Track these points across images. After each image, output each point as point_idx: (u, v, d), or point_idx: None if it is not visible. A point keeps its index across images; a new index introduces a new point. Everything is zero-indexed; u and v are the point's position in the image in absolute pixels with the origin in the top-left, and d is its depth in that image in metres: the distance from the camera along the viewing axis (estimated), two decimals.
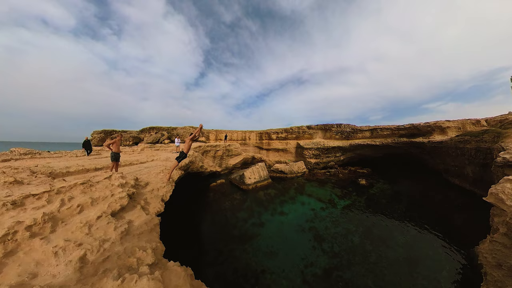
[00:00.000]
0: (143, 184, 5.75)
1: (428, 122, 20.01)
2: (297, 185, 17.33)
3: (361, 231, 8.90)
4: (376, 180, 18.28)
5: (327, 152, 24.95)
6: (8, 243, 2.20)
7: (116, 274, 2.06)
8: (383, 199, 13.23)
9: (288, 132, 27.84)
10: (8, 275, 1.85)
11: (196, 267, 3.52)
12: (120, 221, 3.37)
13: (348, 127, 25.23)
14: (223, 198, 13.38)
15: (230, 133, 28.00)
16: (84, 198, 3.77)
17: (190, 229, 8.90)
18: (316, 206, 12.25)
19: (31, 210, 3.04)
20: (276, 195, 14.28)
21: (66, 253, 2.23)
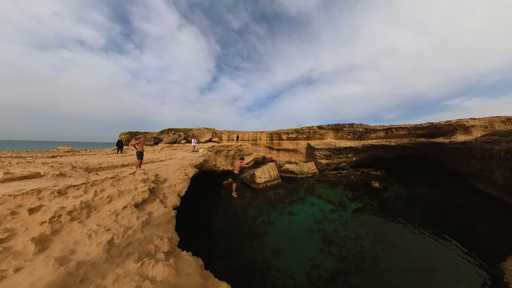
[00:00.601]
0: (162, 180, 6.13)
1: (450, 121, 18.06)
2: (307, 185, 16.92)
3: (372, 236, 8.37)
4: (390, 183, 17.05)
5: (339, 153, 23.71)
6: (54, 224, 2.62)
7: (137, 257, 2.28)
8: (398, 204, 12.33)
9: (298, 133, 27.06)
10: (54, 250, 2.23)
11: (206, 258, 3.57)
12: (141, 212, 3.68)
13: (360, 127, 23.77)
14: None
15: (241, 133, 28.31)
16: (112, 190, 4.23)
17: (203, 223, 9.23)
18: (326, 207, 11.82)
19: (71, 198, 3.52)
20: (285, 195, 14.13)
21: (97, 236, 2.57)
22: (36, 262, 2.01)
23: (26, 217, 2.72)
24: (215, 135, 27.07)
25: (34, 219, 2.71)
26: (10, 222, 2.58)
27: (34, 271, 1.87)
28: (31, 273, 1.85)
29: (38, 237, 2.33)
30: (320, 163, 23.55)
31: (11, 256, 2.05)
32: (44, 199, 3.29)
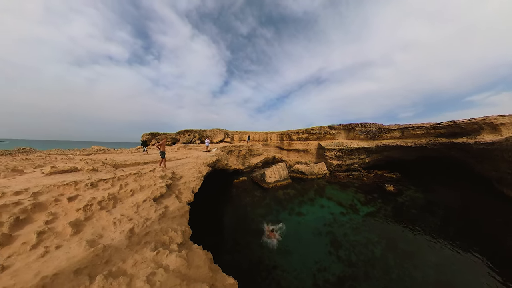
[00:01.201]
0: (178, 177, 6.44)
1: (475, 118, 15.85)
2: (317, 186, 16.41)
3: (384, 243, 7.75)
4: (406, 187, 15.68)
5: (351, 154, 22.15)
6: (87, 211, 2.97)
7: (153, 246, 2.44)
8: (413, 209, 11.27)
9: (309, 133, 25.89)
10: (86, 233, 2.54)
11: (215, 252, 3.52)
12: (159, 205, 3.91)
13: (374, 126, 21.98)
14: (244, 194, 13.78)
15: (252, 134, 28.29)
16: (135, 184, 4.59)
17: (214, 218, 9.46)
18: (336, 210, 11.28)
19: (101, 190, 3.91)
20: (295, 195, 13.87)
21: (121, 224, 2.85)
22: (72, 242, 2.32)
23: (65, 204, 3.13)
24: (227, 135, 27.63)
25: (71, 206, 3.10)
26: (54, 207, 3.01)
27: (70, 249, 2.17)
28: (67, 251, 2.14)
29: (74, 222, 2.68)
30: (331, 164, 22.46)
31: (54, 236, 2.40)
32: (80, 190, 3.72)
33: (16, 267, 1.86)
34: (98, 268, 1.92)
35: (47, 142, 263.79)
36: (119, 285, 1.67)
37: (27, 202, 2.95)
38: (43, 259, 1.99)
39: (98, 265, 1.96)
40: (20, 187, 3.61)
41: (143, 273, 1.86)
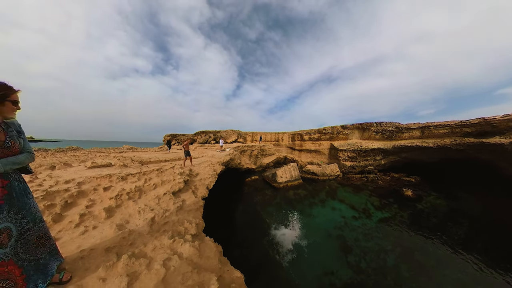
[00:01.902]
0: (195, 174, 6.74)
1: (510, 114, 13.55)
2: (329, 188, 15.63)
3: (398, 252, 7.04)
4: (426, 192, 13.95)
5: (365, 155, 20.24)
6: (118, 200, 3.34)
7: (170, 235, 2.61)
8: (434, 218, 9.94)
9: (321, 133, 24.48)
10: (116, 218, 2.87)
11: (225, 246, 3.54)
12: (177, 198, 4.16)
13: (390, 126, 19.88)
14: (255, 192, 13.79)
15: (264, 134, 28.18)
16: (157, 179, 4.97)
17: (226, 214, 9.65)
18: (348, 213, 10.58)
19: (130, 183, 4.33)
20: (305, 196, 13.43)
21: (144, 213, 3.14)
22: (105, 224, 2.65)
23: (101, 193, 3.56)
24: (240, 136, 28.08)
25: (106, 195, 3.52)
26: (92, 195, 3.45)
27: (103, 230, 2.48)
28: (101, 231, 2.46)
29: (108, 208, 3.05)
30: (343, 165, 20.93)
31: (92, 218, 2.78)
32: (113, 182, 4.18)
33: (64, 240, 2.23)
34: (124, 248, 2.17)
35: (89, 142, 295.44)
36: (140, 265, 1.87)
37: (74, 189, 3.45)
38: (83, 236, 2.33)
39: (124, 246, 2.22)
40: (69, 177, 4.20)
41: (160, 257, 2.04)
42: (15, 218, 1.33)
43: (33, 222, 1.47)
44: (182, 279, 1.76)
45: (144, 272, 1.79)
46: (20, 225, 1.37)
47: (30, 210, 1.45)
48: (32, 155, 1.45)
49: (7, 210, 1.28)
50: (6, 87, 1.22)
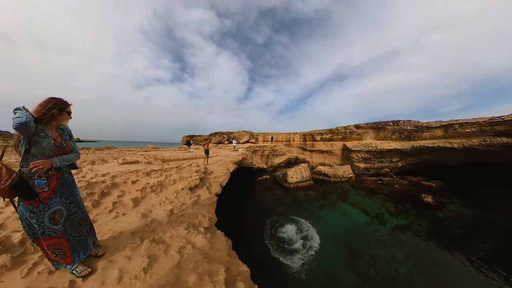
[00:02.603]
0: (210, 172, 6.97)
1: None
2: (341, 190, 14.80)
3: (412, 263, 6.35)
4: (448, 199, 12.21)
5: (380, 156, 18.33)
6: (143, 192, 3.68)
7: (186, 226, 2.77)
8: (457, 229, 8.63)
9: (333, 133, 22.91)
10: (141, 207, 3.17)
11: (234, 240, 3.62)
12: (193, 194, 4.36)
13: (408, 124, 17.73)
14: (266, 191, 13.75)
15: (275, 135, 27.82)
16: (176, 176, 5.29)
17: (237, 210, 9.79)
18: (360, 218, 9.84)
19: (153, 178, 4.71)
20: (316, 198, 12.92)
21: (164, 204, 3.40)
22: (132, 212, 2.96)
23: (130, 186, 3.96)
24: (252, 136, 28.28)
25: (133, 187, 3.90)
26: (123, 187, 3.87)
27: (130, 217, 2.79)
28: (128, 218, 2.77)
29: (134, 198, 3.39)
30: (357, 167, 19.29)
31: (122, 206, 3.13)
32: (139, 176, 4.60)
33: (99, 222, 2.58)
34: (146, 234, 2.41)
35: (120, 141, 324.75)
36: (159, 250, 2.07)
37: (108, 181, 3.90)
38: (114, 220, 2.66)
39: (146, 232, 2.45)
40: (105, 171, 4.74)
41: (176, 245, 2.20)
42: (65, 202, 1.61)
43: (78, 206, 1.75)
44: (193, 266, 1.88)
45: (162, 256, 1.97)
46: (69, 208, 1.65)
47: (76, 197, 1.73)
48: (78, 154, 1.73)
49: (59, 196, 1.56)
50: (63, 101, 1.51)
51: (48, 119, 1.45)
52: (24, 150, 1.37)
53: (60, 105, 1.48)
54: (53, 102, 1.45)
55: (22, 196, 1.34)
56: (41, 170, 1.40)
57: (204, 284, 1.63)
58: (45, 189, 1.46)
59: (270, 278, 5.63)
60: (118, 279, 1.63)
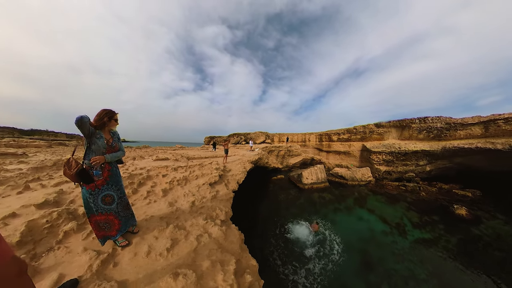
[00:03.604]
0: (228, 170, 7.14)
1: None
2: (358, 195, 13.45)
3: (433, 284, 5.33)
4: (488, 213, 9.83)
5: (405, 159, 15.76)
6: (171, 185, 4.07)
7: (204, 217, 2.92)
8: (497, 251, 6.79)
9: (351, 133, 20.48)
10: (168, 197, 3.52)
11: (246, 235, 3.57)
12: (212, 189, 4.54)
13: (438, 121, 14.75)
14: (280, 191, 13.50)
15: (291, 135, 26.90)
16: (199, 172, 5.66)
17: (251, 207, 9.82)
18: (377, 226, 8.69)
19: (179, 173, 5.15)
20: (330, 201, 12.05)
21: (187, 196, 3.70)
22: (162, 200, 3.32)
23: (161, 178, 4.42)
24: (268, 137, 28.16)
25: (163, 180, 4.35)
26: (155, 179, 4.36)
27: (160, 204, 3.13)
28: (158, 205, 3.11)
29: (164, 189, 3.79)
30: (377, 169, 16.95)
31: (153, 195, 3.54)
32: (168, 171, 5.09)
33: (136, 206, 2.98)
34: (171, 220, 2.68)
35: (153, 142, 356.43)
36: (180, 234, 2.27)
37: (144, 174, 4.44)
38: (147, 206, 3.04)
39: (171, 218, 2.73)
40: (142, 165, 5.41)
41: (195, 232, 2.37)
42: (114, 189, 1.95)
43: (123, 193, 2.10)
44: (208, 253, 1.99)
45: (182, 240, 2.17)
46: (117, 194, 1.99)
47: (121, 186, 2.08)
48: (123, 152, 2.10)
49: (110, 184, 1.91)
50: (111, 112, 1.88)
51: (101, 125, 1.81)
52: (86, 147, 1.73)
53: (109, 115, 1.84)
54: (104, 113, 1.82)
55: (83, 181, 1.67)
56: (98, 163, 1.76)
57: (216, 271, 1.72)
58: (100, 178, 1.80)
59: (275, 276, 5.51)
60: (146, 253, 1.89)
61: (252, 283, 1.77)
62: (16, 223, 2.21)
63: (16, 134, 40.10)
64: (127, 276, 1.62)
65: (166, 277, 1.57)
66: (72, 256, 1.82)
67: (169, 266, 1.75)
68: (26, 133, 56.82)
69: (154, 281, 1.56)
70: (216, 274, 1.70)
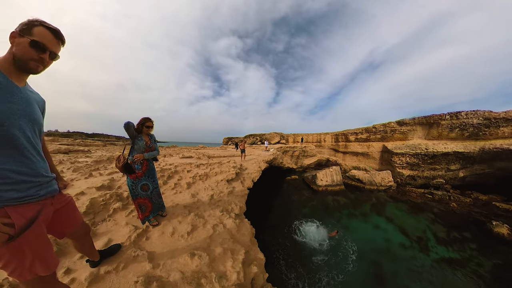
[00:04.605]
0: (244, 168, 7.18)
1: None
2: (376, 201, 11.95)
3: None
4: None
5: (433, 162, 13.14)
6: (194, 179, 4.41)
7: (221, 210, 3.06)
8: None
9: (370, 132, 18.11)
10: (191, 190, 3.82)
11: (257, 230, 3.57)
12: (229, 185, 4.67)
13: (475, 116, 11.77)
14: (293, 191, 13.15)
15: (305, 136, 25.56)
16: (218, 169, 5.91)
17: (263, 204, 9.77)
18: (395, 238, 7.55)
19: (201, 169, 5.52)
20: (345, 205, 11.02)
21: (207, 190, 3.96)
22: (186, 192, 3.65)
23: (186, 173, 4.84)
24: (282, 137, 27.59)
25: (188, 175, 4.75)
26: (181, 174, 4.79)
27: (184, 195, 3.45)
28: (183, 195, 3.45)
29: (188, 182, 4.14)
30: (400, 173, 14.61)
31: (179, 187, 3.90)
32: (192, 167, 5.52)
33: (165, 195, 3.36)
34: (192, 209, 2.93)
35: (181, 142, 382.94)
36: (199, 222, 2.48)
37: (173, 169, 4.93)
38: (174, 195, 3.40)
39: (193, 207, 2.98)
40: (171, 162, 6.00)
41: (212, 222, 2.54)
42: (150, 180, 2.31)
43: (156, 184, 2.43)
44: (221, 241, 2.12)
45: (200, 227, 2.37)
46: (152, 184, 2.33)
47: (155, 178, 2.42)
48: (158, 152, 2.45)
49: (147, 176, 2.26)
50: (148, 119, 2.23)
51: (141, 129, 2.18)
52: (131, 147, 2.13)
53: (146, 121, 2.21)
54: (143, 120, 2.20)
55: (128, 172, 2.02)
56: (138, 160, 2.13)
57: (227, 258, 1.83)
58: (140, 171, 2.17)
59: (281, 271, 5.41)
60: (171, 233, 2.17)
61: (257, 274, 1.82)
62: (83, 199, 2.81)
63: (83, 137, 49.86)
64: (155, 249, 1.88)
65: (184, 255, 1.78)
66: (118, 227, 2.24)
67: (188, 247, 1.96)
68: (89, 136, 68.98)
69: (175, 257, 1.78)
70: (226, 260, 1.82)
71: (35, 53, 0.77)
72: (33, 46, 0.76)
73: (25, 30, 0.75)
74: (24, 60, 0.77)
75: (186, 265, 1.69)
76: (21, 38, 0.75)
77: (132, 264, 1.63)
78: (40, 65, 0.81)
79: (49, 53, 0.82)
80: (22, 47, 0.75)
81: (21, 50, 0.76)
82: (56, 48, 0.84)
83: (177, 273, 1.58)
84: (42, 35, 0.78)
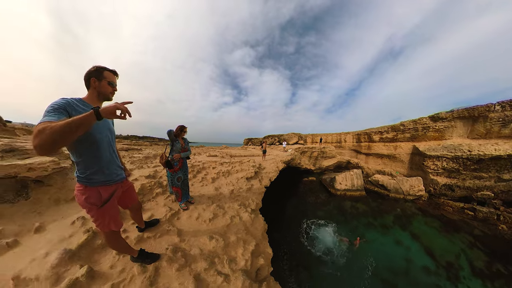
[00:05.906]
0: (262, 168, 7.16)
1: None
2: (401, 212, 9.60)
3: None
4: None
5: (478, 168, 9.45)
6: (218, 175, 4.77)
7: (239, 204, 3.19)
8: None
9: (397, 130, 14.58)
10: (215, 184, 4.15)
11: (269, 226, 3.45)
12: (248, 182, 4.75)
13: None
14: (309, 193, 12.33)
15: (324, 136, 23.00)
16: (239, 167, 6.13)
17: (278, 203, 9.52)
18: (418, 259, 5.91)
19: (224, 167, 5.89)
20: (364, 213, 9.43)
21: (228, 186, 4.20)
22: (210, 185, 3.99)
23: (211, 170, 5.27)
24: (300, 138, 26.24)
25: (213, 171, 5.16)
26: (208, 170, 5.23)
27: (209, 188, 3.79)
28: (208, 188, 3.78)
29: (212, 178, 4.50)
30: (433, 181, 11.00)
31: (205, 181, 4.28)
32: (216, 165, 5.96)
33: (194, 187, 3.77)
34: (215, 200, 3.22)
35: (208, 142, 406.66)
36: (219, 212, 2.70)
37: (201, 165, 5.45)
38: (201, 187, 3.78)
39: (215, 199, 3.27)
40: (200, 160, 6.63)
41: (230, 213, 2.72)
42: (183, 173, 2.69)
43: (187, 177, 2.82)
44: (236, 231, 2.26)
45: (220, 216, 2.59)
46: (184, 176, 2.72)
47: (187, 173, 2.82)
48: (190, 152, 2.86)
49: (181, 170, 2.66)
50: (183, 126, 2.64)
51: (179, 134, 2.60)
52: (170, 148, 2.57)
53: (182, 128, 2.62)
54: (179, 127, 2.61)
55: (168, 167, 2.45)
56: (177, 158, 2.55)
57: (239, 246, 1.96)
58: (177, 166, 2.58)
59: (286, 269, 5.22)
60: (196, 218, 2.49)
61: (263, 266, 1.86)
62: (136, 184, 3.38)
63: (137, 139, 61.83)
64: (183, 228, 2.21)
65: (204, 237, 2.04)
66: (158, 207, 2.69)
67: (208, 231, 2.21)
68: (141, 138, 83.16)
69: (197, 237, 2.07)
70: (238, 248, 1.95)
71: (111, 88, 1.14)
72: (109, 84, 1.12)
73: (99, 76, 1.07)
74: (107, 94, 1.13)
75: (205, 244, 1.92)
76: (100, 81, 1.08)
77: (165, 235, 2.00)
78: (113, 94, 1.18)
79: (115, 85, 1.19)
80: (104, 87, 1.10)
81: (105, 89, 1.10)
82: (116, 81, 1.19)
83: (197, 249, 1.83)
84: (110, 76, 1.12)
